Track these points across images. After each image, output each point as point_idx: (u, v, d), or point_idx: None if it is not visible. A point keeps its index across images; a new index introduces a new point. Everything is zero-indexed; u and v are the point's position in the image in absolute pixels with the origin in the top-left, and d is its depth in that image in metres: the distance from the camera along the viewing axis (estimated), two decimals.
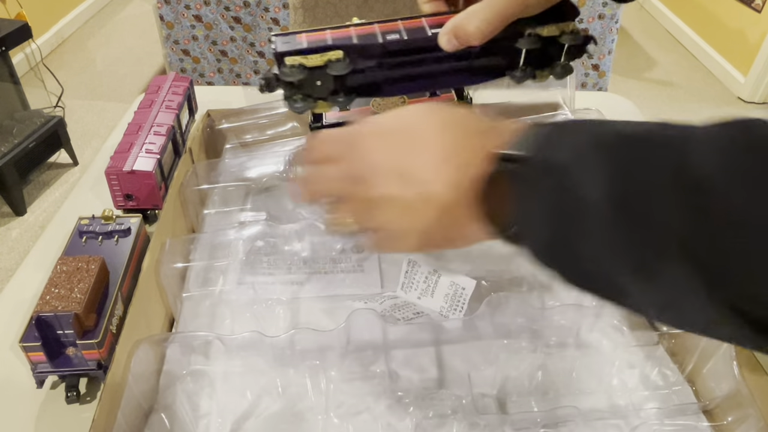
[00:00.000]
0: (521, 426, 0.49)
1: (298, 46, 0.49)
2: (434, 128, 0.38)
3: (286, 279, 0.62)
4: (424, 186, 0.37)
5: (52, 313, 0.51)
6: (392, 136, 0.40)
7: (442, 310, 0.55)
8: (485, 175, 0.35)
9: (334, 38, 0.50)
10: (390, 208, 0.38)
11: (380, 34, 0.50)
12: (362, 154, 0.40)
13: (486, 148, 0.36)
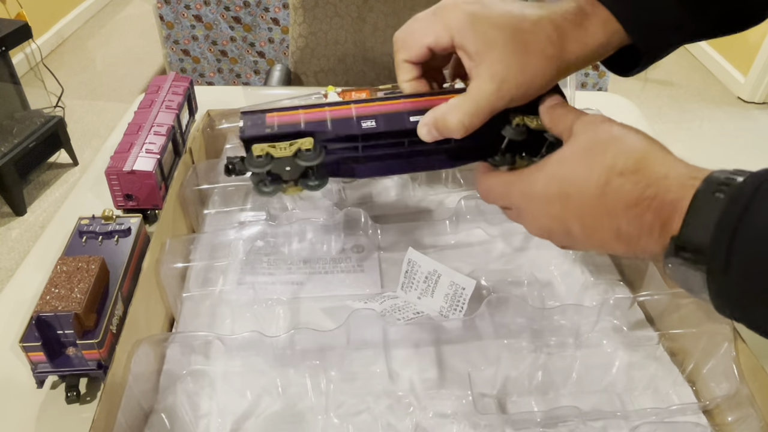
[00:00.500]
0: (521, 426, 0.49)
1: (266, 130, 0.46)
2: (595, 197, 0.37)
3: (286, 279, 0.62)
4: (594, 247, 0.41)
5: (52, 313, 0.51)
6: (556, 208, 0.40)
7: (442, 310, 0.55)
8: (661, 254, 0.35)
9: (307, 121, 0.47)
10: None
11: (356, 119, 0.47)
12: (529, 219, 0.43)
13: (659, 220, 0.34)
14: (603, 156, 0.37)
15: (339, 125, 0.47)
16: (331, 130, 0.46)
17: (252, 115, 0.48)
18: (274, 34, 2.13)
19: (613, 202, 0.36)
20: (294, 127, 0.46)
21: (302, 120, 0.47)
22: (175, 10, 2.09)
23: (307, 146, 0.46)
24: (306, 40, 1.17)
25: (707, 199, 0.32)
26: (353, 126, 0.47)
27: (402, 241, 0.66)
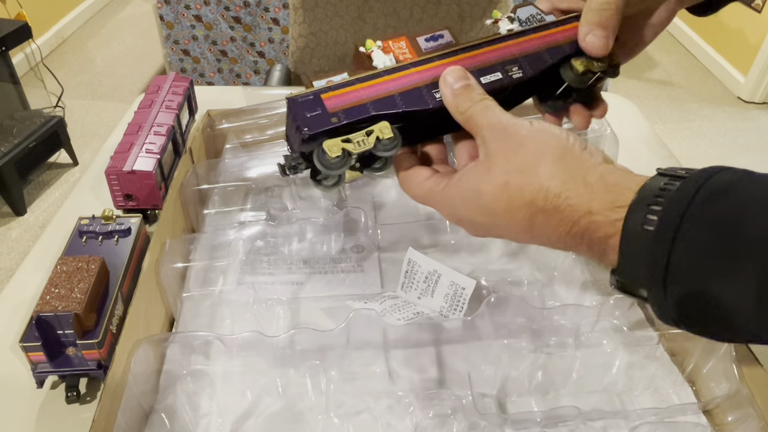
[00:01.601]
0: (521, 426, 0.49)
1: (333, 121, 0.39)
2: (523, 230, 0.37)
3: (286, 279, 0.62)
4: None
5: (52, 313, 0.51)
6: (481, 229, 0.39)
7: (442, 310, 0.55)
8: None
9: (373, 100, 0.40)
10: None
11: (426, 89, 0.41)
12: (452, 220, 0.41)
13: (594, 252, 0.34)
14: (521, 192, 0.35)
15: (408, 99, 0.41)
16: (401, 105, 0.40)
17: (306, 102, 0.39)
18: (274, 34, 2.13)
19: (543, 233, 0.36)
20: (363, 111, 0.40)
21: (366, 98, 0.40)
22: (175, 10, 2.09)
23: (386, 134, 0.40)
24: (306, 40, 1.17)
25: (635, 236, 0.31)
26: (425, 98, 0.41)
27: (402, 241, 0.66)
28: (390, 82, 0.41)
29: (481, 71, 0.42)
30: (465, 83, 0.40)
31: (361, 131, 0.40)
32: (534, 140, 0.36)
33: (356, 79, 0.41)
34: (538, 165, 0.35)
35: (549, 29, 0.45)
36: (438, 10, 1.12)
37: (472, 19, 1.13)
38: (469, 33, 1.14)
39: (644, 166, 0.36)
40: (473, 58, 0.43)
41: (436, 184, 0.40)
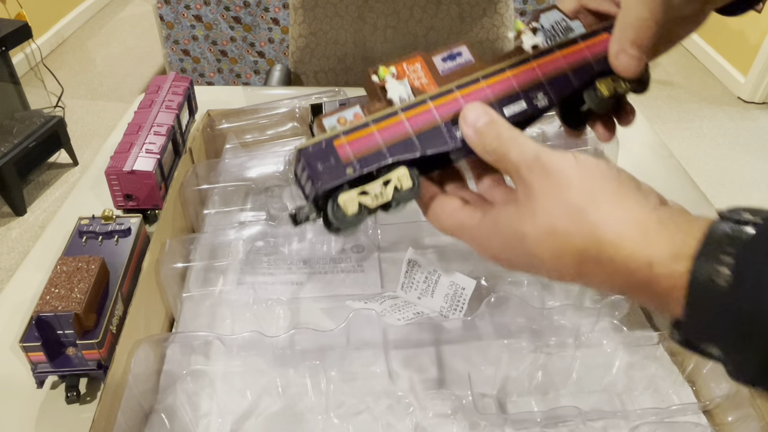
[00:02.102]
0: (521, 426, 0.49)
1: (347, 172, 0.35)
2: (570, 276, 0.33)
3: (286, 279, 0.62)
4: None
5: (52, 313, 0.51)
6: (520, 266, 0.36)
7: (442, 310, 0.55)
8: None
9: (389, 144, 0.37)
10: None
11: (446, 126, 0.38)
12: (486, 257, 0.38)
13: (654, 302, 0.31)
14: (569, 239, 0.32)
15: (428, 140, 0.37)
16: (420, 148, 0.37)
17: (318, 151, 0.36)
18: (274, 34, 2.13)
19: (593, 280, 0.33)
20: (379, 158, 0.36)
21: (382, 143, 0.37)
22: (175, 10, 2.09)
23: (405, 184, 0.36)
24: (306, 40, 1.17)
25: (705, 290, 0.28)
26: (445, 138, 0.37)
27: (402, 241, 0.66)
28: (407, 121, 0.38)
29: (504, 101, 0.39)
30: (487, 119, 0.36)
31: (378, 180, 0.36)
32: (582, 180, 0.32)
33: (371, 120, 0.37)
34: (588, 209, 0.31)
35: (576, 44, 0.41)
36: (438, 10, 1.12)
37: (472, 19, 1.13)
38: (469, 33, 1.14)
39: (644, 166, 0.36)
40: (495, 86, 0.39)
41: (468, 217, 0.37)
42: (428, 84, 0.39)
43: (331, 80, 1.21)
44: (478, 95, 0.39)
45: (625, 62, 0.40)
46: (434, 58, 0.40)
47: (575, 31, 0.42)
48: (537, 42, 0.41)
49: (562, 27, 0.42)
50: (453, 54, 0.40)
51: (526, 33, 0.42)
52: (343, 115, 0.37)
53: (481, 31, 1.15)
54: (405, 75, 0.39)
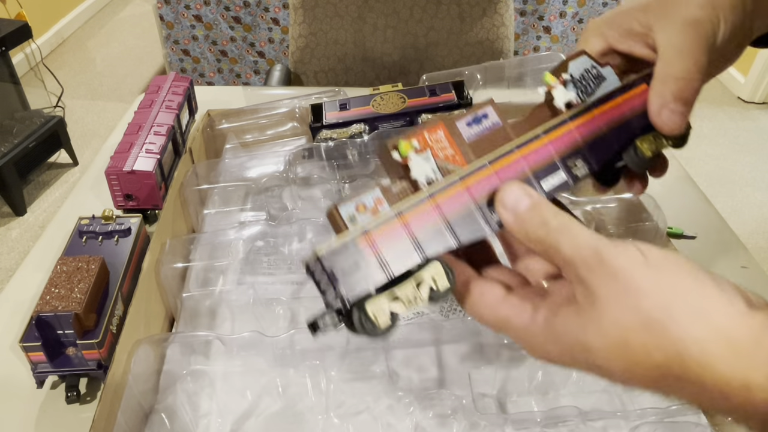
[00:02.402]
0: (521, 426, 0.49)
1: (379, 278, 0.31)
2: (644, 384, 0.29)
3: (286, 279, 0.62)
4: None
5: (52, 313, 0.51)
6: (582, 369, 0.31)
7: (442, 310, 0.55)
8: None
9: (419, 238, 0.32)
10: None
11: (480, 210, 0.33)
12: (540, 359, 0.33)
13: (739, 415, 0.27)
14: (646, 354, 0.28)
15: (463, 228, 0.33)
16: (455, 239, 0.33)
17: (342, 255, 0.31)
18: (274, 34, 2.13)
19: (674, 395, 0.29)
20: (410, 255, 0.32)
21: (412, 237, 0.32)
22: (175, 10, 2.09)
23: (440, 282, 0.32)
24: (306, 40, 1.17)
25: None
26: (482, 223, 0.33)
27: None
28: (437, 208, 0.33)
29: (542, 173, 0.35)
30: (529, 203, 0.32)
31: (410, 281, 0.32)
32: (655, 283, 0.28)
33: (397, 211, 0.32)
34: (667, 321, 0.27)
35: (613, 100, 0.37)
36: (438, 10, 1.12)
37: (472, 19, 1.13)
38: (469, 33, 1.14)
39: None
40: (530, 156, 0.35)
41: (516, 315, 0.32)
42: (454, 155, 0.34)
43: (331, 80, 1.21)
44: (513, 169, 0.34)
45: (669, 119, 0.36)
46: (458, 123, 0.35)
47: (607, 80, 0.38)
48: (570, 98, 0.37)
49: (593, 75, 0.38)
50: (478, 117, 0.36)
51: (557, 88, 0.37)
52: (362, 202, 0.33)
53: (481, 31, 1.15)
54: (427, 146, 0.34)
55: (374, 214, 0.32)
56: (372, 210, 0.32)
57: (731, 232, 0.73)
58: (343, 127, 0.72)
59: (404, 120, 0.73)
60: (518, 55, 2.07)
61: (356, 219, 0.32)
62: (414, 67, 1.17)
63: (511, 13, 1.18)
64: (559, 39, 2.11)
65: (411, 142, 0.34)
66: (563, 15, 2.05)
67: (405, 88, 0.76)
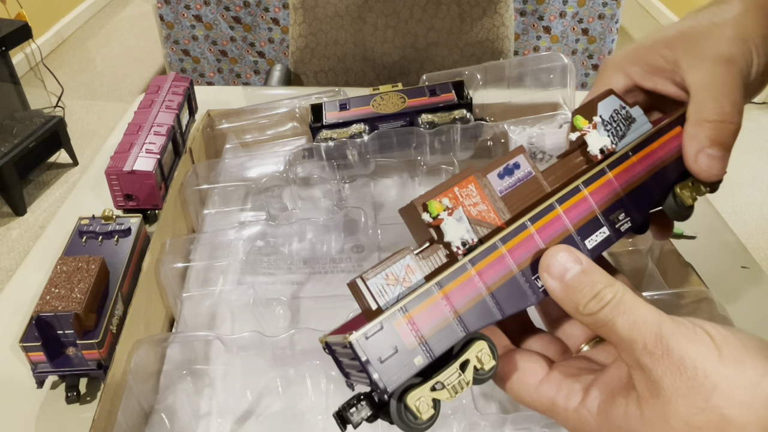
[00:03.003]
0: (521, 426, 0.49)
1: (413, 360, 0.27)
2: None
3: (286, 279, 0.62)
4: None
5: (52, 313, 0.51)
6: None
7: None
8: None
9: (461, 312, 0.29)
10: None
11: (523, 277, 0.30)
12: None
13: None
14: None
15: (507, 298, 0.30)
16: (499, 311, 0.30)
17: (374, 338, 0.27)
18: (274, 34, 2.13)
19: None
20: (452, 334, 0.29)
21: (453, 313, 0.29)
22: (175, 10, 2.09)
23: (486, 362, 0.29)
24: (306, 40, 1.17)
25: None
26: (526, 292, 0.30)
27: (402, 241, 0.66)
28: (477, 277, 0.30)
29: (585, 230, 0.32)
30: (578, 269, 0.28)
31: (453, 365, 0.28)
32: (729, 378, 0.25)
33: (435, 284, 0.29)
34: (747, 426, 0.24)
35: (649, 145, 0.35)
36: (438, 10, 1.12)
37: (472, 19, 1.13)
38: (469, 33, 1.14)
39: None
40: (572, 211, 0.32)
41: (563, 397, 0.29)
42: (487, 211, 0.31)
43: (331, 80, 1.21)
44: (555, 227, 0.31)
45: (707, 165, 0.33)
46: (489, 175, 0.32)
47: (637, 121, 0.35)
48: (605, 144, 0.34)
49: (623, 116, 0.35)
50: (510, 167, 0.33)
51: (591, 133, 0.34)
52: (392, 271, 0.29)
53: (481, 31, 1.15)
54: (459, 203, 0.31)
55: (405, 285, 0.29)
56: (403, 280, 0.29)
57: (731, 232, 0.73)
58: (343, 127, 0.72)
59: (404, 120, 0.73)
60: (518, 55, 2.07)
61: (386, 292, 0.29)
62: (414, 67, 1.17)
63: (511, 13, 1.18)
64: (559, 39, 2.11)
65: (442, 201, 0.30)
66: (563, 15, 2.05)
67: (405, 88, 0.76)
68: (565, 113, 0.75)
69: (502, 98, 0.78)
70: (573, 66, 0.77)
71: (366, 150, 0.72)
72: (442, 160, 0.73)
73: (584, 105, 0.35)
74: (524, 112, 0.75)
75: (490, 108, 0.77)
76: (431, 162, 0.73)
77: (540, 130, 0.74)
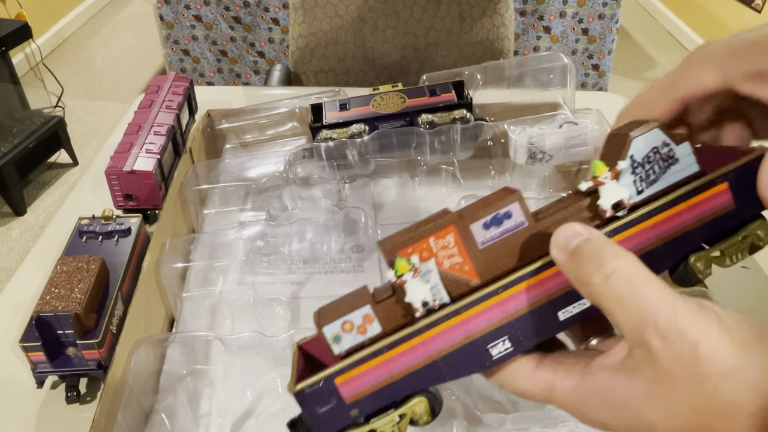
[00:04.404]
0: (521, 426, 0.49)
1: (349, 413, 0.29)
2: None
3: (286, 279, 0.62)
4: None
5: (52, 313, 0.51)
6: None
7: None
8: None
9: (405, 373, 0.29)
10: None
11: (481, 342, 0.29)
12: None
13: None
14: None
15: (458, 363, 0.29)
16: (447, 374, 0.29)
17: (316, 393, 0.29)
18: (274, 34, 2.13)
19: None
20: (393, 393, 0.29)
21: (398, 374, 0.29)
22: (175, 10, 2.09)
23: (423, 418, 0.30)
24: (306, 40, 1.17)
25: None
26: (479, 359, 0.29)
27: None
28: (431, 342, 0.28)
29: (561, 302, 0.29)
30: (584, 237, 0.26)
31: (391, 415, 0.29)
32: (740, 363, 0.23)
33: (385, 346, 0.28)
34: (757, 411, 0.23)
35: (680, 204, 0.29)
36: (438, 10, 1.12)
37: (472, 19, 1.13)
38: (469, 33, 1.14)
39: None
40: (548, 283, 0.28)
41: (560, 376, 0.28)
42: (461, 263, 0.29)
43: (331, 80, 1.21)
44: (528, 296, 0.28)
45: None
46: (473, 226, 0.29)
47: (680, 162, 0.29)
48: (622, 197, 0.29)
49: (663, 156, 0.29)
50: (499, 217, 0.29)
51: (608, 183, 0.29)
52: (349, 320, 0.29)
53: (481, 31, 1.15)
54: (432, 255, 0.29)
55: (361, 334, 0.29)
56: (359, 329, 0.29)
57: None
58: (343, 127, 0.72)
59: (404, 120, 0.73)
60: (518, 55, 2.07)
61: (341, 339, 0.29)
62: (414, 67, 1.17)
63: (511, 13, 1.18)
64: (559, 39, 2.11)
65: (410, 259, 0.28)
66: (563, 15, 2.05)
67: (405, 88, 0.76)
68: (565, 113, 0.75)
69: (502, 98, 0.78)
70: (573, 66, 0.77)
71: (366, 150, 0.72)
72: (442, 160, 0.73)
73: (616, 136, 0.29)
74: (524, 112, 0.75)
75: (490, 108, 0.77)
76: (431, 162, 0.73)
77: (540, 130, 0.74)
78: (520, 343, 0.29)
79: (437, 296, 0.29)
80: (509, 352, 0.29)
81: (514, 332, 0.29)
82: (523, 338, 0.29)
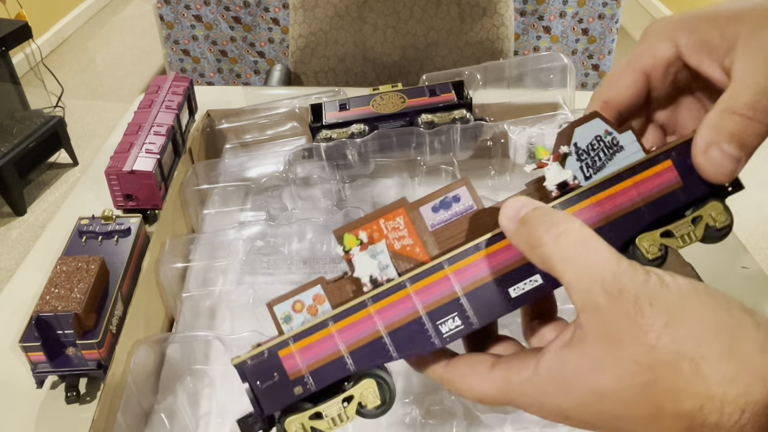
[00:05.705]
0: (521, 426, 0.49)
1: (293, 389, 0.30)
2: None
3: (286, 279, 0.62)
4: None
5: (52, 313, 0.51)
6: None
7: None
8: None
9: (353, 348, 0.29)
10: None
11: (430, 319, 0.29)
12: (554, 420, 0.29)
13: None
14: (674, 399, 0.23)
15: (404, 341, 0.29)
16: (394, 352, 0.29)
17: (258, 365, 0.30)
18: (274, 34, 2.13)
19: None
20: (338, 370, 0.29)
21: (344, 348, 0.29)
22: (175, 10, 2.09)
23: (371, 401, 0.29)
24: (306, 40, 1.17)
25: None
26: (429, 335, 0.29)
27: None
28: (377, 315, 0.29)
29: (511, 278, 0.29)
30: (533, 206, 0.27)
31: (337, 398, 0.29)
32: (688, 318, 0.24)
33: (330, 318, 0.29)
34: (701, 360, 0.23)
35: (622, 182, 0.30)
36: (438, 10, 1.12)
37: (472, 19, 1.13)
38: (469, 33, 1.14)
39: None
40: (497, 256, 0.29)
41: (515, 372, 0.28)
42: (412, 245, 0.30)
43: (331, 80, 1.21)
44: (475, 270, 0.29)
45: (716, 161, 0.28)
46: (422, 208, 0.30)
47: (626, 150, 0.30)
48: (566, 177, 0.30)
49: (606, 144, 0.30)
50: (447, 201, 0.30)
51: (551, 166, 0.30)
52: (300, 299, 0.30)
53: (481, 31, 1.15)
54: (383, 236, 0.30)
55: (311, 314, 0.29)
56: (309, 309, 0.29)
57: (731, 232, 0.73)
58: (342, 127, 0.72)
59: (404, 120, 0.73)
60: (518, 55, 2.07)
61: (291, 319, 0.29)
62: (414, 67, 1.17)
63: (511, 13, 1.18)
64: (559, 39, 2.11)
65: (358, 235, 0.29)
66: (563, 15, 2.05)
67: (405, 88, 0.76)
68: (565, 113, 0.75)
69: (502, 98, 0.78)
70: (573, 66, 0.77)
71: (366, 150, 0.72)
72: (442, 160, 0.73)
73: (563, 131, 0.31)
74: (524, 112, 0.75)
75: (490, 108, 0.77)
76: (431, 162, 0.73)
77: (540, 130, 0.74)
78: (469, 321, 0.29)
79: (386, 274, 0.29)
80: (459, 329, 0.29)
81: (463, 309, 0.29)
82: (474, 316, 0.29)
